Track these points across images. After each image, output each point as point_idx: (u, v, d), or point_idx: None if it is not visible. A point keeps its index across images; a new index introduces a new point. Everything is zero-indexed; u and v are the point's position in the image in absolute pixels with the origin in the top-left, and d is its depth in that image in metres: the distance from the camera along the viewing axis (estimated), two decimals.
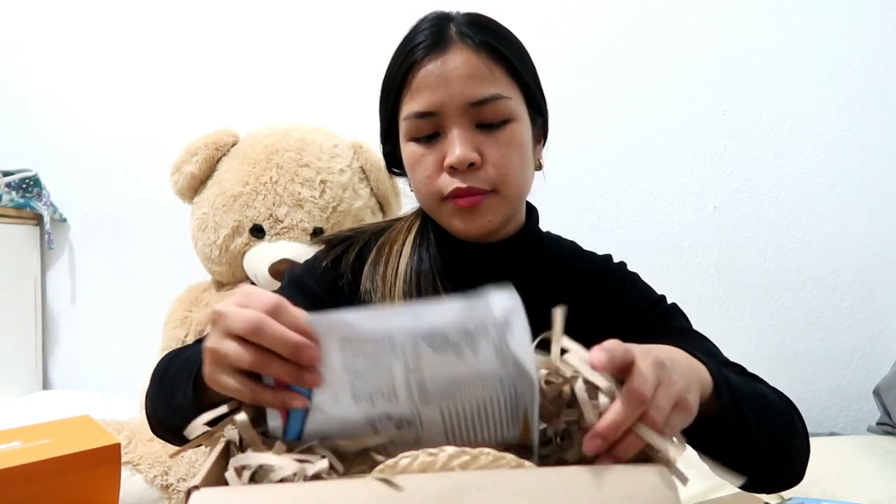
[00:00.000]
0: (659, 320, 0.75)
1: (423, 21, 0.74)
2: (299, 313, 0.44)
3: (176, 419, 0.52)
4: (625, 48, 1.81)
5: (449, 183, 0.69)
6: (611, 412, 0.41)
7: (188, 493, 0.37)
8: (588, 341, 0.65)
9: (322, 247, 0.82)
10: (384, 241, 0.80)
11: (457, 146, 0.68)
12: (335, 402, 0.43)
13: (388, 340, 0.41)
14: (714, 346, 0.72)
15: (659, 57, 1.80)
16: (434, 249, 0.77)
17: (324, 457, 0.42)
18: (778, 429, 0.61)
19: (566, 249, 0.85)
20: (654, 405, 0.42)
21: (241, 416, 0.44)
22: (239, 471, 0.42)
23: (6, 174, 1.78)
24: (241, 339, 0.44)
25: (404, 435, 0.44)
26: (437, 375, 0.41)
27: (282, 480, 0.41)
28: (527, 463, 0.40)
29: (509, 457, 0.40)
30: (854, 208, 1.75)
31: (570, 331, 0.71)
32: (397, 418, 0.43)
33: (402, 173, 0.81)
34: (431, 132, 0.71)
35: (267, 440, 0.45)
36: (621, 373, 0.42)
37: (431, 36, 0.71)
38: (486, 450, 0.40)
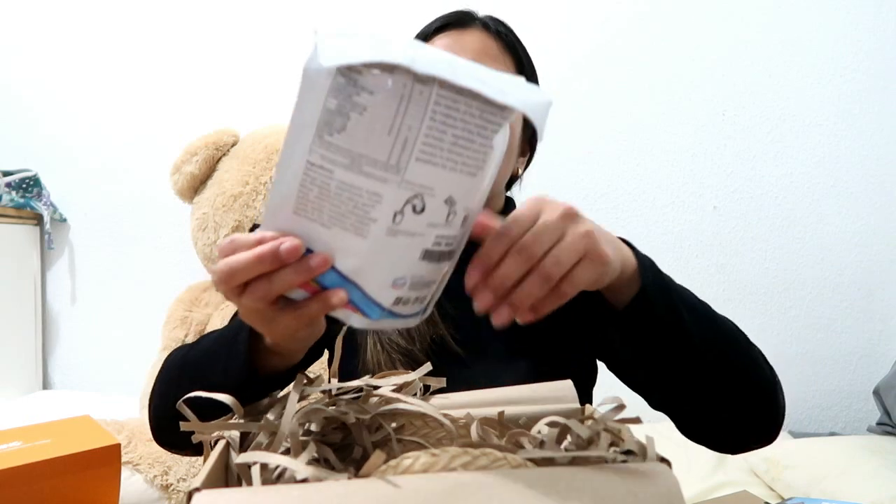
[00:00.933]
0: None
1: (449, 12, 0.78)
2: (250, 235, 0.42)
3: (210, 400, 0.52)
4: (625, 48, 1.81)
5: None
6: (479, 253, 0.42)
7: (189, 495, 0.36)
8: (572, 318, 0.65)
9: None
10: None
11: None
12: (355, 255, 0.40)
13: (311, 168, 0.38)
14: None
15: (658, 57, 1.80)
16: None
17: (329, 463, 0.42)
18: (727, 343, 0.56)
19: None
20: (552, 255, 0.42)
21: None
22: (244, 468, 0.42)
23: (6, 174, 1.78)
24: (242, 287, 0.42)
25: (438, 214, 0.39)
26: (369, 141, 0.36)
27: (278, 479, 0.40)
28: (528, 464, 0.40)
29: (511, 457, 0.40)
30: (854, 208, 1.75)
31: (557, 311, 0.71)
32: (406, 205, 0.38)
33: None
34: None
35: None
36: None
37: (454, 18, 0.76)
38: (488, 450, 0.40)
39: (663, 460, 0.41)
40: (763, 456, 1.35)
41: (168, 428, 0.62)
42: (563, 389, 0.53)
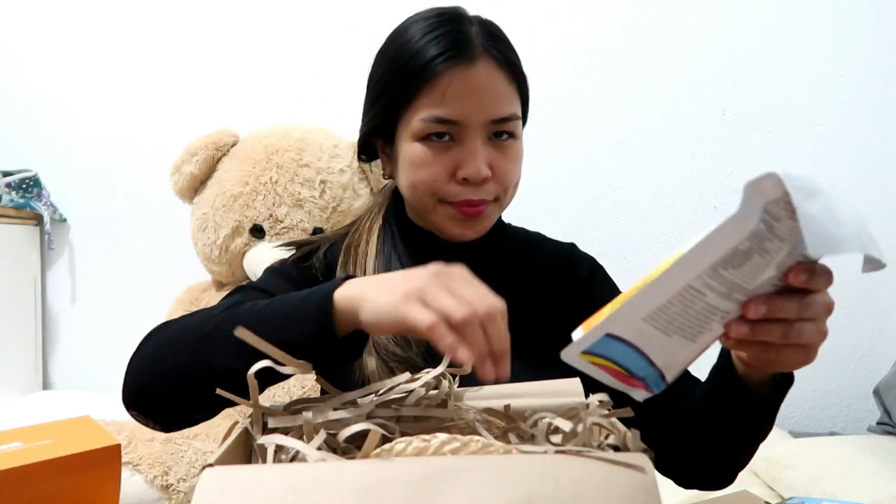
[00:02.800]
0: None
1: (440, 19, 0.73)
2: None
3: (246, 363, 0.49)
4: (625, 48, 1.81)
5: (458, 193, 0.72)
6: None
7: (202, 470, 0.39)
8: (557, 323, 0.67)
9: (289, 249, 0.83)
10: (349, 244, 0.80)
11: (477, 161, 0.70)
12: (677, 353, 0.45)
13: (688, 290, 0.42)
14: None
15: (659, 57, 1.80)
16: (401, 246, 0.79)
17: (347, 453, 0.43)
18: (765, 429, 0.64)
19: (532, 240, 0.88)
20: (803, 325, 0.46)
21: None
22: (263, 449, 0.45)
23: (6, 174, 1.78)
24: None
25: (735, 312, 0.45)
26: (751, 277, 0.42)
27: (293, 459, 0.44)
28: (514, 450, 0.43)
29: (497, 444, 0.43)
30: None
31: (541, 315, 0.71)
32: (729, 314, 0.44)
33: (369, 159, 0.84)
34: (446, 138, 0.71)
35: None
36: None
37: (456, 42, 0.70)
38: (476, 437, 0.43)
39: (646, 451, 0.43)
40: (763, 456, 1.35)
41: (153, 393, 0.59)
42: (571, 385, 0.55)
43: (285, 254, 0.83)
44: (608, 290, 0.83)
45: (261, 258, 1.44)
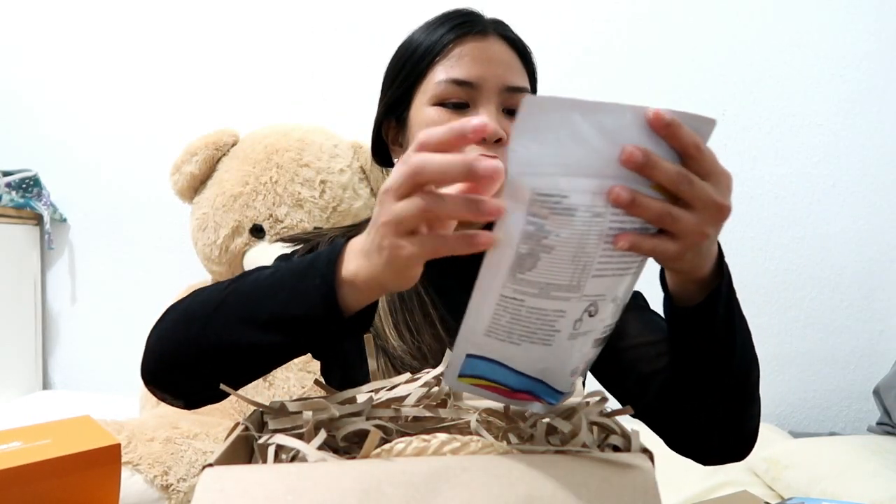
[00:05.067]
0: None
1: (453, 11, 0.78)
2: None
3: (268, 335, 0.50)
4: (625, 48, 1.81)
5: (473, 150, 0.69)
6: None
7: (202, 470, 0.39)
8: None
9: (288, 244, 0.83)
10: None
11: (492, 119, 0.71)
12: (541, 360, 0.45)
13: (504, 299, 0.41)
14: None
15: (658, 57, 1.80)
16: None
17: (349, 454, 0.43)
18: (753, 368, 0.61)
19: None
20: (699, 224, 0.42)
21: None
22: (264, 448, 0.45)
23: (6, 174, 1.78)
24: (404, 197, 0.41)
25: (608, 312, 0.45)
26: (555, 273, 0.41)
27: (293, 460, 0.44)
28: (514, 450, 0.42)
29: (497, 444, 0.43)
30: (854, 208, 1.75)
31: None
32: (584, 313, 0.43)
33: (382, 161, 0.85)
34: (461, 102, 0.73)
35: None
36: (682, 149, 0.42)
37: (468, 18, 0.76)
38: (476, 437, 0.43)
39: (645, 451, 0.43)
40: (763, 456, 1.35)
41: (168, 368, 0.59)
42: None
43: (286, 249, 0.83)
44: None
45: (261, 258, 1.44)
